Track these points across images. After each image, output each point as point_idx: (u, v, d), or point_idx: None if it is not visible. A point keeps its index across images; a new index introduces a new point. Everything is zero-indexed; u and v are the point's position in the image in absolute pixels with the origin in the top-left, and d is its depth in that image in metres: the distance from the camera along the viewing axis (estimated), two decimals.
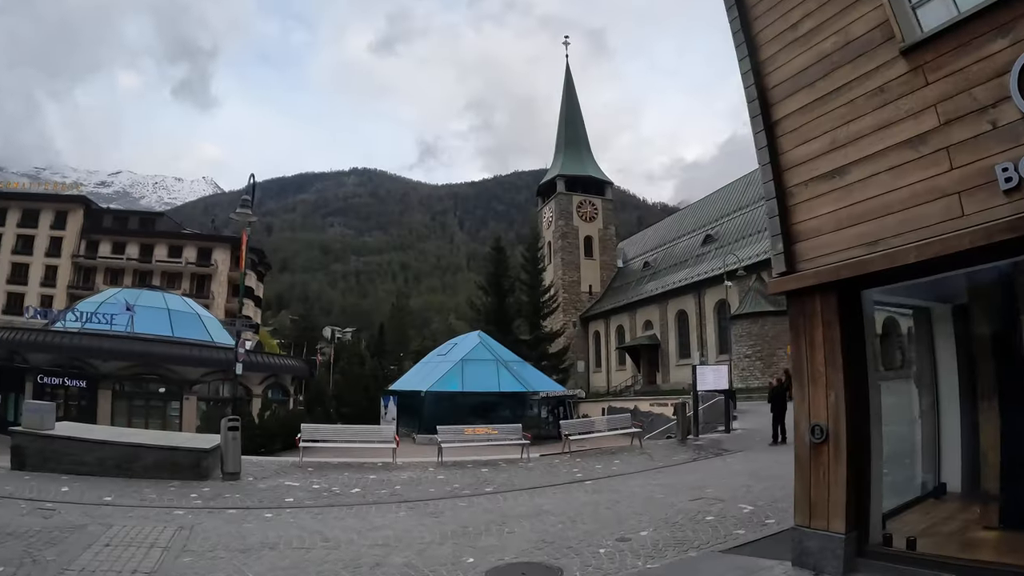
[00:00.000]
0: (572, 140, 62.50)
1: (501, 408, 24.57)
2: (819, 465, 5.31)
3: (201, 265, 53.96)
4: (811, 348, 5.46)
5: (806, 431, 5.40)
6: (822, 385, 5.35)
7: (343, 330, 62.95)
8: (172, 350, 25.70)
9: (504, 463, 13.30)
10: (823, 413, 5.30)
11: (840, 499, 5.15)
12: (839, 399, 5.23)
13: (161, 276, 51.74)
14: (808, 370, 5.46)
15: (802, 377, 5.51)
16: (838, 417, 5.22)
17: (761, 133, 6.14)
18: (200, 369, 25.93)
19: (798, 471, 5.50)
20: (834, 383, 5.28)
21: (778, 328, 32.05)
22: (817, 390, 5.37)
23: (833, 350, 5.32)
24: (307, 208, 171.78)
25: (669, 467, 12.33)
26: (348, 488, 10.23)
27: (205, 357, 25.81)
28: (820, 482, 5.29)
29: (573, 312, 55.80)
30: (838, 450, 5.20)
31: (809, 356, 5.47)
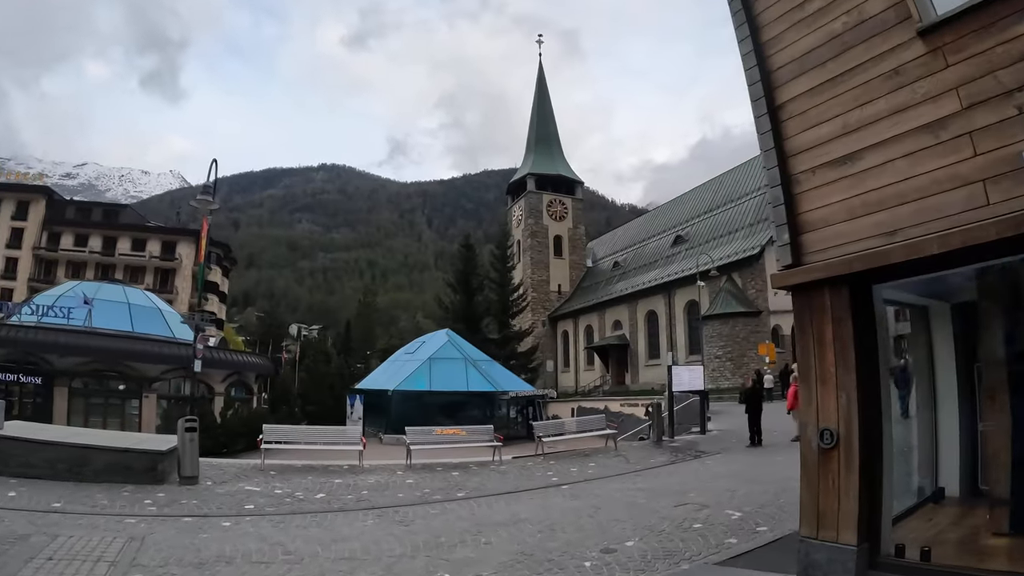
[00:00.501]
0: (543, 139, 62.17)
1: (469, 408, 24.04)
2: (828, 472, 4.92)
3: (165, 259, 52.41)
4: (820, 346, 5.07)
5: (814, 436, 5.01)
6: (832, 386, 4.96)
7: (309, 328, 61.71)
8: (132, 346, 24.51)
9: (475, 466, 12.79)
10: (833, 416, 4.91)
11: (851, 509, 4.76)
12: (851, 401, 4.85)
13: (124, 270, 50.03)
14: (817, 370, 5.07)
15: (809, 378, 5.11)
16: (850, 421, 4.83)
17: (764, 117, 5.75)
18: (160, 366, 24.80)
19: (805, 478, 5.10)
20: (845, 384, 4.89)
21: (748, 329, 32.23)
22: (826, 392, 4.99)
23: (844, 349, 4.93)
24: (275, 204, 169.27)
25: (647, 470, 11.97)
26: (312, 493, 9.59)
27: (166, 353, 24.68)
28: (829, 490, 4.90)
29: (542, 311, 55.49)
30: (849, 456, 4.81)
31: (817, 355, 5.08)
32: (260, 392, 32.21)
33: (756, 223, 36.69)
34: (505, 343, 39.92)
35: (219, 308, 57.58)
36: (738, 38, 6.19)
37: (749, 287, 33.81)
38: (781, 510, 7.70)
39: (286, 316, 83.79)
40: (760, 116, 5.80)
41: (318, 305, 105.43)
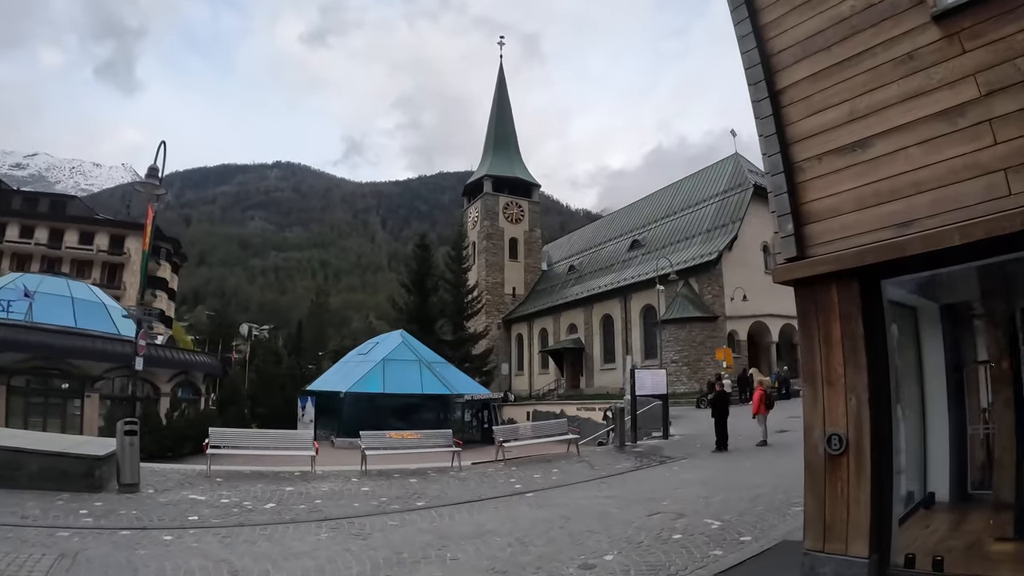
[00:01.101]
0: (501, 141, 61.80)
1: (424, 411, 23.30)
2: (837, 480, 4.54)
3: (113, 253, 49.85)
4: (826, 345, 4.71)
5: (820, 441, 4.63)
6: (840, 388, 4.60)
7: (260, 327, 59.81)
8: (74, 342, 22.72)
9: (434, 472, 12.14)
10: (842, 420, 4.55)
11: (862, 519, 4.40)
12: (861, 404, 4.49)
13: (71, 263, 47.38)
14: (823, 370, 4.70)
15: (815, 379, 4.74)
16: (860, 425, 4.48)
17: (764, 101, 5.39)
18: (104, 364, 23.11)
19: (810, 487, 4.71)
20: (855, 385, 4.54)
21: (705, 334, 32.46)
22: (834, 394, 4.62)
23: (854, 347, 4.58)
24: (227, 200, 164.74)
25: (613, 476, 11.57)
26: (261, 503, 8.83)
27: (109, 351, 22.98)
28: (837, 499, 4.53)
29: (496, 314, 54.98)
30: (860, 463, 4.45)
31: (824, 354, 4.71)
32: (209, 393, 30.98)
33: (714, 229, 37.11)
34: (460, 345, 39.21)
35: (168, 305, 55.22)
36: (734, 20, 5.86)
37: (706, 292, 34.10)
38: (761, 518, 7.40)
39: (237, 315, 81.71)
40: (759, 100, 5.43)
41: (269, 305, 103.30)
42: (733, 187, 38.38)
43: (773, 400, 14.35)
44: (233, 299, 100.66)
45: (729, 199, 37.96)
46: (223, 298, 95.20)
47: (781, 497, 8.45)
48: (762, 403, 13.80)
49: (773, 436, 14.11)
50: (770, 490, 8.98)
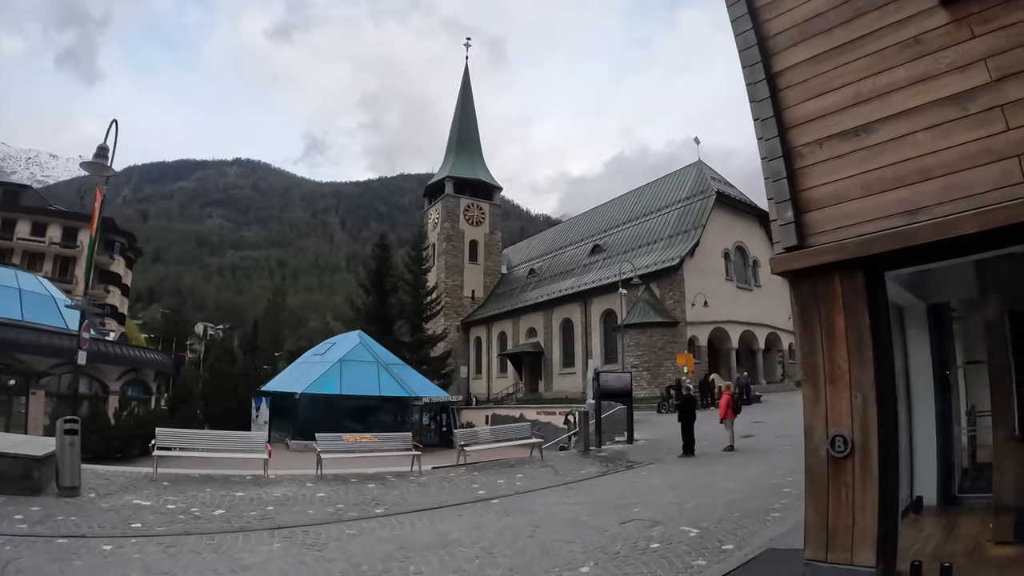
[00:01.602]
0: (464, 142, 61.24)
1: (381, 413, 22.66)
2: (841, 484, 4.23)
3: (66, 246, 47.50)
4: (829, 340, 4.40)
5: (822, 442, 4.31)
6: (844, 385, 4.29)
7: (216, 327, 58.00)
8: (20, 336, 21.26)
9: (393, 477, 11.56)
10: (846, 420, 4.24)
11: (869, 525, 4.09)
12: (867, 402, 4.19)
13: (22, 255, 45.13)
14: (825, 367, 4.38)
15: (816, 376, 4.42)
16: (866, 425, 4.17)
17: (761, 83, 5.09)
18: (50, 359, 21.67)
19: (811, 492, 4.39)
20: (861, 382, 4.23)
21: (666, 339, 32.53)
22: (838, 391, 4.31)
23: (859, 341, 4.28)
24: (185, 197, 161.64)
25: (579, 482, 11.17)
26: (210, 509, 8.16)
27: (56, 345, 21.50)
28: (842, 505, 4.21)
29: (455, 317, 54.30)
30: (866, 466, 4.14)
31: (826, 349, 4.40)
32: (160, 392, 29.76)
33: (676, 235, 37.31)
34: (418, 347, 38.45)
35: (121, 302, 52.90)
36: (728, 2, 5.57)
37: (667, 298, 34.21)
38: (740, 525, 7.11)
39: (192, 314, 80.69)
40: (756, 83, 5.14)
41: (225, 304, 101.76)
42: (696, 194, 38.72)
43: (740, 405, 14.20)
44: (189, 297, 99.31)
45: (691, 205, 38.27)
46: (179, 296, 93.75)
47: (757, 503, 8.21)
48: (729, 408, 13.66)
49: (739, 441, 13.98)
50: (744, 496, 8.73)
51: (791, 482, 9.44)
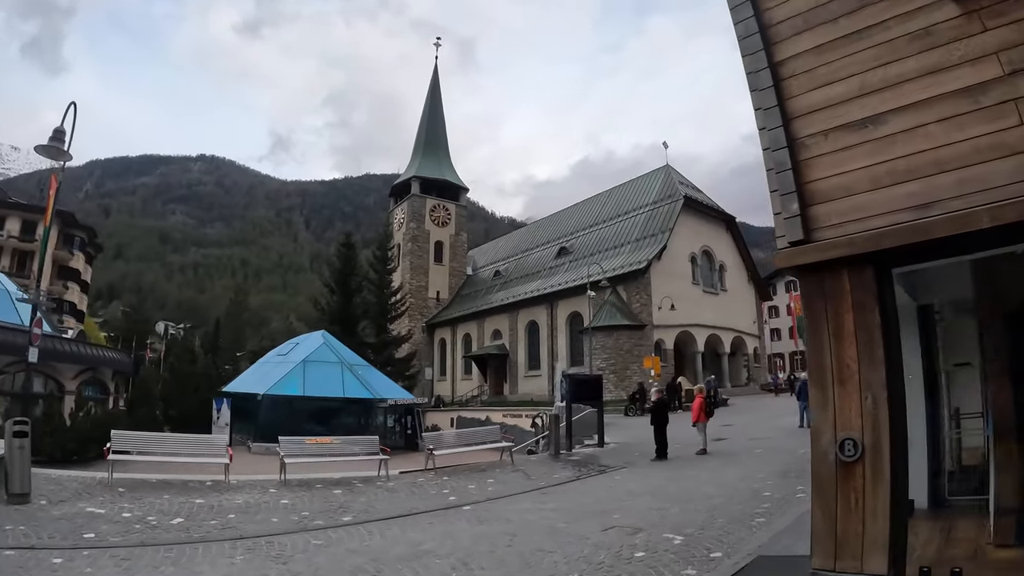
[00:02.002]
0: (432, 142, 60.63)
1: (345, 415, 22.03)
2: (850, 490, 4.01)
3: (25, 240, 45.37)
4: (837, 339, 4.18)
5: (831, 446, 4.09)
6: (854, 386, 4.08)
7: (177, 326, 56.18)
8: None
9: (359, 482, 11.11)
10: (856, 422, 4.02)
11: (880, 532, 3.88)
12: (879, 404, 3.98)
13: None
14: (833, 367, 4.16)
15: (824, 376, 4.21)
16: (878, 427, 3.96)
17: (764, 71, 4.89)
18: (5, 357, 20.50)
19: (818, 498, 4.16)
20: (872, 383, 4.02)
21: (632, 342, 32.55)
22: (847, 392, 4.09)
23: (870, 340, 4.07)
24: (148, 192, 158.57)
25: (553, 487, 10.87)
26: (168, 518, 7.64)
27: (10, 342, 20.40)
28: (851, 511, 3.99)
29: (419, 318, 53.64)
30: (878, 469, 3.93)
31: (835, 348, 4.18)
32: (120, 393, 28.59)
33: (643, 238, 37.44)
34: (383, 348, 37.74)
35: (80, 299, 50.78)
36: None
37: (634, 301, 34.26)
38: (726, 531, 6.90)
39: (153, 312, 78.88)
40: (757, 71, 4.94)
41: (187, 302, 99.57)
42: (663, 198, 38.96)
43: (713, 408, 14.12)
44: (150, 295, 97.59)
45: (659, 209, 38.48)
46: (139, 294, 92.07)
47: (739, 508, 8.04)
48: (702, 411, 13.55)
49: (711, 445, 13.88)
50: (725, 500, 8.56)
51: (771, 486, 9.35)
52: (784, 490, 8.97)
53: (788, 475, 10.16)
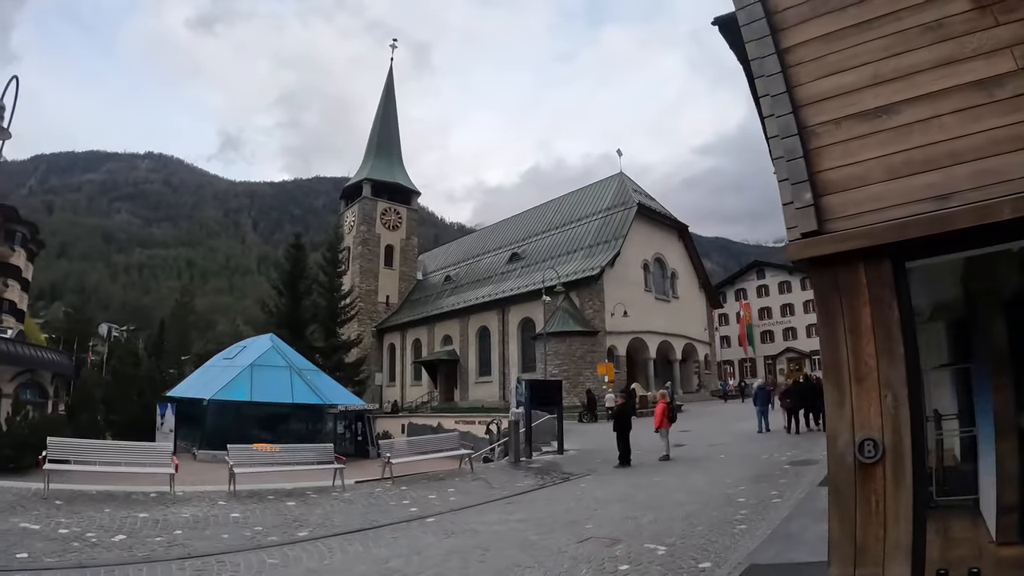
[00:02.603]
0: (384, 145, 59.65)
1: (293, 421, 21.08)
2: (870, 493, 3.79)
3: None
4: (853, 335, 3.97)
5: (848, 449, 3.86)
6: (873, 384, 3.87)
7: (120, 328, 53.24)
8: None
9: (314, 492, 10.45)
10: (876, 422, 3.81)
11: (902, 536, 3.68)
12: (899, 402, 3.78)
13: None
14: (850, 365, 3.94)
15: (840, 375, 3.98)
16: (898, 426, 3.76)
17: (771, 57, 4.70)
18: None
19: (836, 502, 3.93)
20: (892, 381, 3.82)
21: (585, 348, 32.51)
22: (865, 391, 3.88)
23: (888, 336, 3.87)
24: (94, 189, 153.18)
25: (517, 496, 10.45)
26: (109, 535, 6.91)
27: None
28: (871, 516, 3.77)
29: (368, 322, 52.47)
30: (899, 471, 3.72)
31: (851, 346, 3.97)
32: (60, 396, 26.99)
33: (596, 245, 37.56)
34: (332, 352, 36.59)
35: (20, 297, 47.30)
36: None
37: (587, 307, 34.26)
38: (709, 540, 6.66)
39: (96, 313, 74.50)
40: (763, 57, 4.76)
41: (132, 304, 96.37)
42: (617, 205, 39.23)
43: (676, 413, 14.01)
44: (93, 296, 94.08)
45: (613, 216, 38.71)
46: (82, 294, 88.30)
47: (716, 515, 7.83)
48: (665, 416, 13.41)
49: (672, 450, 13.76)
50: (700, 507, 8.34)
51: (743, 491, 9.22)
52: (758, 496, 8.84)
53: (758, 480, 10.09)
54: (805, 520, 7.06)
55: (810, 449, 13.65)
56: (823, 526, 6.82)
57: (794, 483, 9.65)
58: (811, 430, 17.00)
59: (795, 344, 52.75)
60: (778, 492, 8.99)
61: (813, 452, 13.07)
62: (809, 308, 52.44)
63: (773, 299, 55.26)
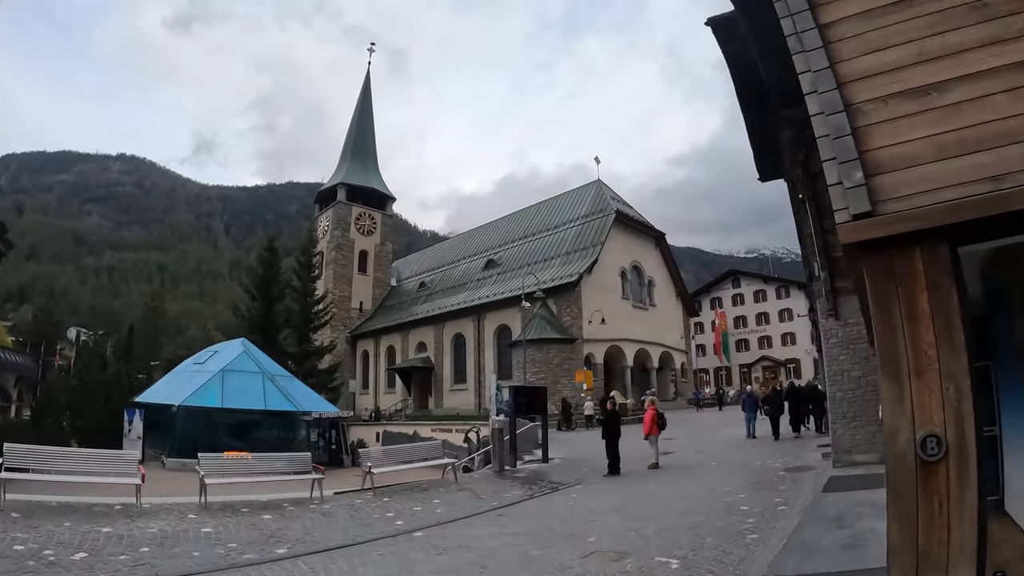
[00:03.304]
0: (360, 149, 58.92)
1: (266, 428, 20.33)
2: (933, 494, 3.44)
3: None
4: (911, 323, 3.65)
5: (909, 447, 3.52)
6: (933, 376, 3.54)
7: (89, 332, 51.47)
8: None
9: (291, 505, 9.79)
10: (938, 417, 3.47)
11: (967, 539, 3.31)
12: (962, 394, 3.45)
13: None
14: (909, 356, 3.61)
15: (898, 367, 3.65)
16: (961, 420, 3.42)
17: (812, 32, 4.42)
18: None
19: (896, 505, 3.58)
20: (954, 372, 3.49)
21: (563, 356, 32.20)
22: (924, 384, 3.54)
23: (949, 323, 3.55)
24: (65, 190, 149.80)
25: (507, 507, 9.93)
26: (69, 552, 6.25)
27: None
28: (934, 518, 3.42)
29: (341, 329, 51.50)
30: (964, 468, 3.38)
31: (908, 335, 3.64)
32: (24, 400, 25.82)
33: (573, 252, 37.40)
34: (305, 358, 35.66)
35: None
36: None
37: (564, 314, 33.99)
38: (722, 552, 6.29)
39: (65, 317, 73.95)
40: (803, 31, 4.46)
41: (101, 307, 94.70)
42: (595, 212, 39.15)
43: (665, 420, 13.71)
44: (62, 299, 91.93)
45: (590, 223, 38.61)
46: (52, 297, 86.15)
47: (722, 524, 7.48)
48: (654, 423, 13.08)
49: (661, 458, 13.44)
50: (703, 517, 7.97)
51: (744, 500, 8.90)
52: (761, 503, 8.53)
53: (757, 487, 9.80)
54: (817, 527, 6.77)
55: (800, 455, 13.50)
56: (837, 533, 6.56)
57: (795, 490, 9.38)
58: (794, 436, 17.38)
59: (770, 353, 53.16)
60: (782, 499, 8.71)
61: (805, 458, 12.91)
62: (784, 317, 53.07)
63: (748, 308, 55.71)
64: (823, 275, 11.19)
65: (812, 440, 16.51)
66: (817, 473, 10.61)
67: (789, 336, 52.50)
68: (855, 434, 10.76)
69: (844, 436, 10.82)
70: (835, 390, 11.02)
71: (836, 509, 7.52)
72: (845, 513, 7.27)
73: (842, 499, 8.11)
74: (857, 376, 10.83)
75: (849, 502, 7.87)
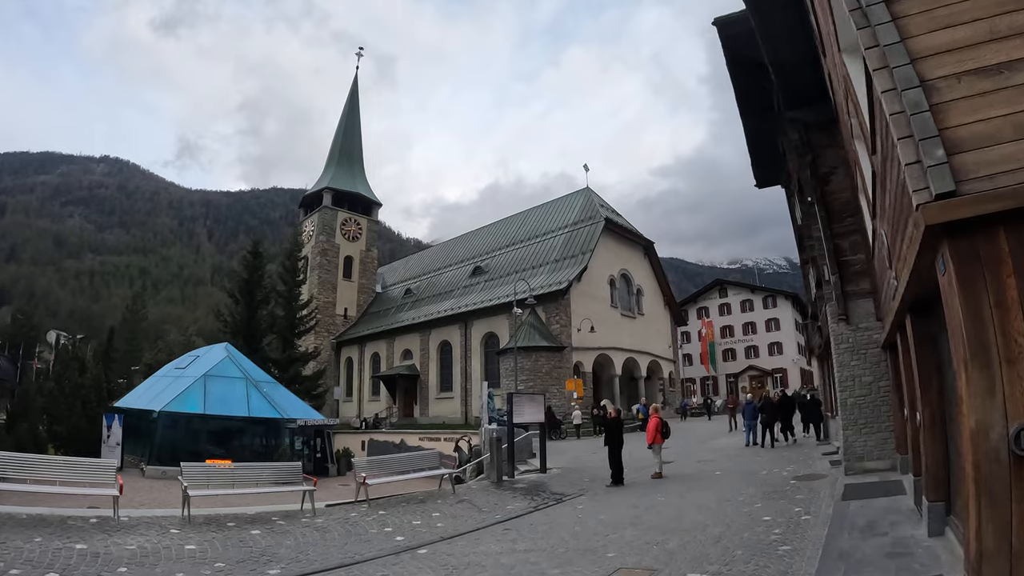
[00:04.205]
0: (347, 154, 58.20)
1: (249, 436, 19.65)
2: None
3: None
4: (999, 310, 3.36)
5: (1002, 441, 3.21)
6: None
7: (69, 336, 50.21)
8: None
9: (280, 518, 9.22)
10: None
11: None
12: None
13: None
14: (999, 344, 3.32)
15: (988, 356, 3.35)
16: None
17: (880, 4, 4.17)
18: None
19: (989, 506, 3.26)
20: None
21: (552, 364, 31.76)
22: (1016, 374, 3.25)
23: None
24: (47, 192, 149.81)
25: (511, 521, 9.43)
26: (38, 571, 5.70)
27: None
28: None
29: (326, 335, 50.64)
30: None
31: (997, 322, 3.35)
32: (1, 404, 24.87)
33: (562, 259, 37.05)
34: (289, 364, 34.84)
35: None
36: None
37: (553, 322, 33.58)
38: (759, 566, 5.85)
39: (44, 320, 72.30)
40: (871, 4, 4.21)
41: (81, 311, 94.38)
42: (584, 219, 38.87)
43: (669, 429, 13.35)
44: (42, 302, 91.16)
45: (579, 231, 38.32)
46: (31, 299, 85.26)
47: (747, 536, 7.09)
48: (658, 432, 12.71)
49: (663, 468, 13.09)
50: (724, 528, 7.58)
51: (763, 510, 8.53)
52: (783, 513, 8.16)
53: (772, 497, 9.44)
54: (850, 537, 6.44)
55: (806, 463, 13.22)
56: (875, 541, 6.19)
57: (813, 498, 9.04)
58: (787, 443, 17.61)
59: (757, 362, 53.20)
60: (802, 508, 8.35)
61: (812, 466, 12.63)
62: (771, 327, 53.22)
63: (735, 317, 55.76)
64: (833, 279, 10.92)
65: (813, 447, 16.29)
66: (830, 481, 10.30)
67: (776, 346, 52.61)
68: (867, 441, 10.49)
69: (856, 443, 10.53)
70: (846, 396, 10.73)
71: (864, 517, 7.20)
72: (876, 521, 6.95)
73: (866, 506, 7.81)
74: (869, 381, 10.55)
75: (875, 509, 7.58)
